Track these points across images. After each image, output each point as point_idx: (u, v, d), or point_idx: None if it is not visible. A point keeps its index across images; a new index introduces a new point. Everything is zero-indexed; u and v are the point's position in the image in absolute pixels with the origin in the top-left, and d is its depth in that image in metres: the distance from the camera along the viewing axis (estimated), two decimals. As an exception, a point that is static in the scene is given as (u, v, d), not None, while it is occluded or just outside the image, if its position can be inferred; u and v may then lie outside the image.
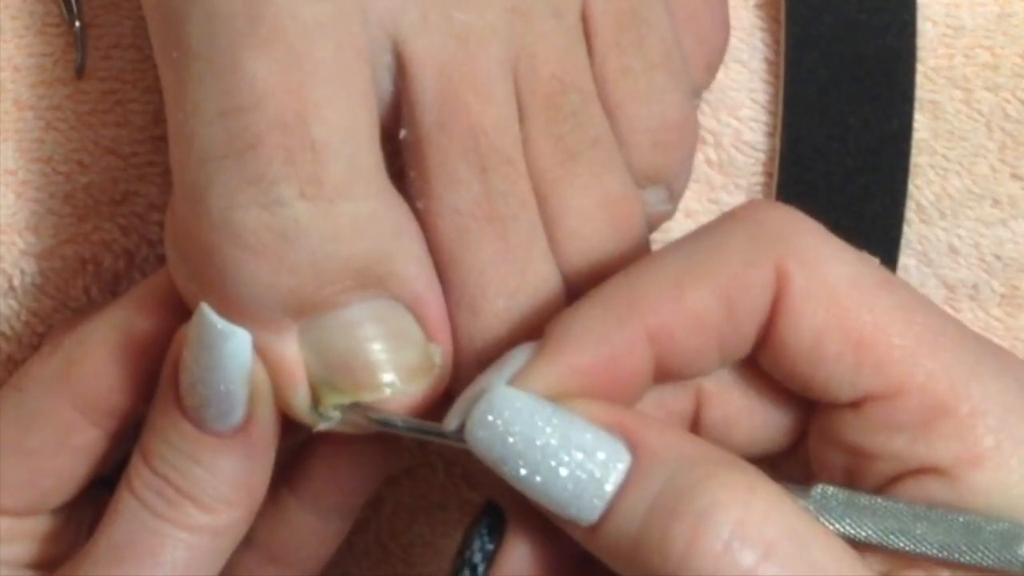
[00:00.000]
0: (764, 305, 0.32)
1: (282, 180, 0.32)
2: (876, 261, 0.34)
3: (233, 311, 0.33)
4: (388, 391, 0.33)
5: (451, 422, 0.32)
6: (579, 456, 0.30)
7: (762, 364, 0.33)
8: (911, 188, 0.42)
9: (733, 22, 0.40)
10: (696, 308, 0.32)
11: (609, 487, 0.30)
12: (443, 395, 0.34)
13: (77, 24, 0.40)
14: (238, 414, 0.33)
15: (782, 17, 0.41)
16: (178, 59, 0.33)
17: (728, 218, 0.33)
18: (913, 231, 0.42)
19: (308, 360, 0.33)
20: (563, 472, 0.30)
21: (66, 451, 0.36)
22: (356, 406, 0.33)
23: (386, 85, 0.34)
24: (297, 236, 0.32)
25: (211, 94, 0.33)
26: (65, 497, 0.37)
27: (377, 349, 0.33)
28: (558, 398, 0.31)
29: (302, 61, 0.32)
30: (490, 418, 0.31)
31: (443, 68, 0.34)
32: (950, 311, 0.43)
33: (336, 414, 0.33)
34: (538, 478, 0.31)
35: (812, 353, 0.32)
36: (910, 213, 0.42)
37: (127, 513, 0.35)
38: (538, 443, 0.31)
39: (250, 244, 0.32)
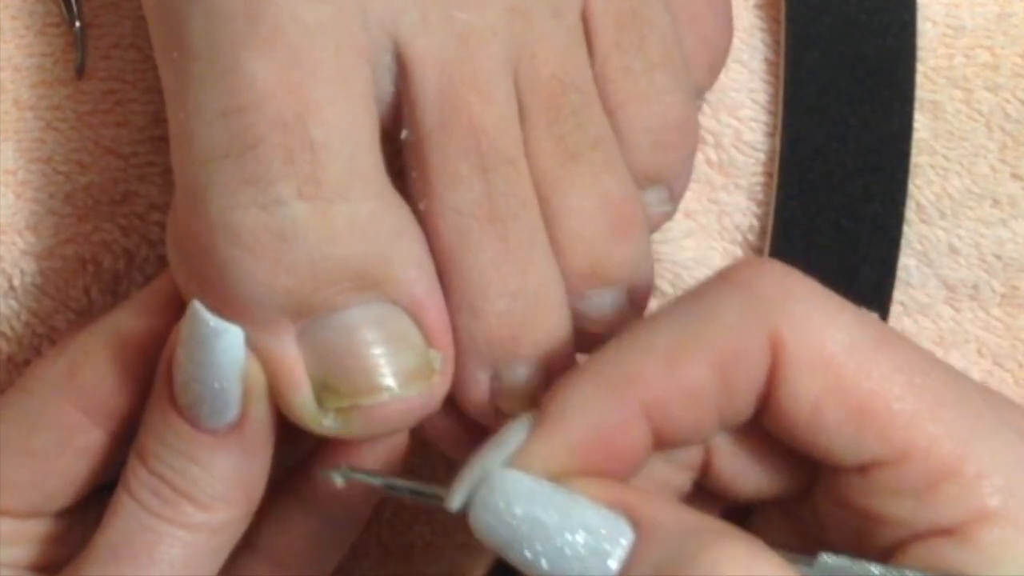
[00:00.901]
0: (760, 375, 0.31)
1: (280, 180, 0.32)
2: (875, 317, 0.33)
3: (232, 311, 0.32)
4: (386, 395, 0.33)
5: (454, 500, 0.31)
6: (583, 536, 0.30)
7: (765, 427, 0.33)
8: (911, 188, 0.42)
9: (734, 22, 0.40)
10: (691, 381, 0.31)
11: (614, 564, 0.30)
12: (442, 400, 0.34)
13: (77, 24, 0.39)
14: (233, 411, 0.33)
15: (782, 17, 0.41)
16: (179, 59, 0.33)
17: (720, 282, 0.32)
18: (913, 231, 0.42)
19: (307, 361, 0.33)
20: (568, 552, 0.30)
21: (69, 452, 0.36)
22: (355, 473, 0.34)
23: (387, 86, 0.34)
24: (295, 236, 0.32)
25: (212, 94, 0.32)
26: (69, 499, 0.36)
27: (375, 353, 0.33)
28: (558, 477, 0.31)
29: (302, 61, 0.32)
30: (492, 502, 0.31)
31: (444, 68, 0.33)
32: (951, 311, 0.43)
33: (335, 419, 0.33)
34: (544, 561, 0.30)
35: (812, 421, 0.31)
36: (910, 213, 0.42)
37: (124, 513, 0.34)
38: (542, 525, 0.30)
39: (248, 244, 0.32)
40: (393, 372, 0.33)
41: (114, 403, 0.35)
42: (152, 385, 0.35)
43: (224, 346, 0.32)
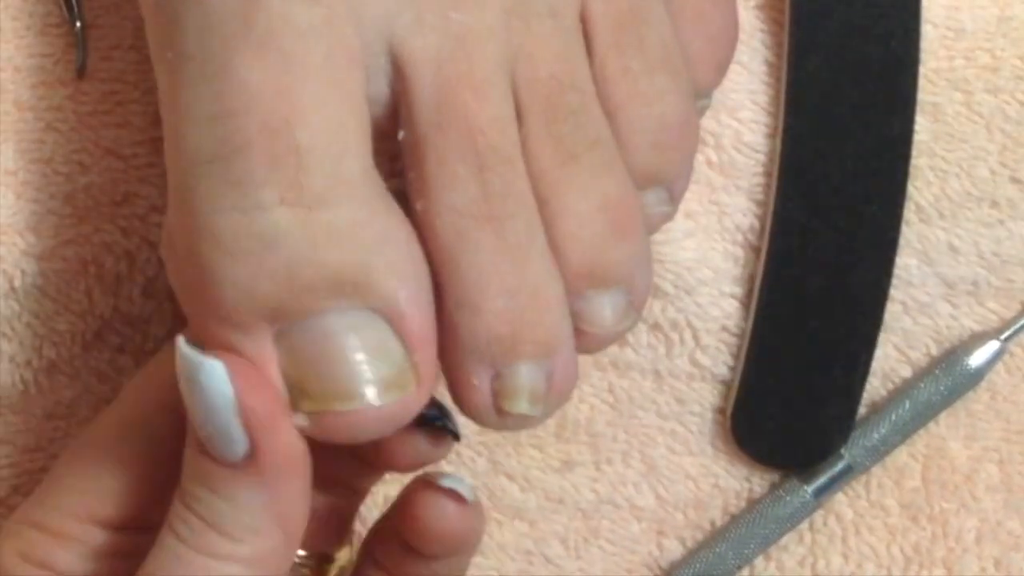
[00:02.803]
0: None
1: (263, 185, 0.31)
2: None
3: (211, 312, 0.32)
4: (359, 403, 0.32)
5: None
6: None
7: None
8: (910, 190, 0.41)
9: (736, 23, 0.39)
10: None
11: None
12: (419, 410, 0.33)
13: (78, 25, 0.39)
14: (240, 443, 0.32)
15: (786, 21, 0.41)
16: (172, 60, 0.33)
17: None
18: (913, 231, 0.42)
19: (282, 363, 0.32)
20: None
21: (164, 458, 0.35)
22: None
23: (382, 87, 0.33)
24: (275, 242, 0.31)
25: (202, 97, 0.32)
26: (158, 512, 0.35)
27: (351, 360, 0.32)
28: None
29: (293, 65, 0.31)
30: None
31: (440, 68, 0.33)
32: (948, 308, 0.43)
33: (307, 421, 0.32)
34: None
35: None
36: (909, 213, 0.42)
37: (163, 545, 0.33)
38: None
39: (229, 248, 0.31)
40: (368, 380, 0.32)
41: None
42: None
43: (207, 379, 0.31)
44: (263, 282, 0.31)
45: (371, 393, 0.32)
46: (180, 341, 0.32)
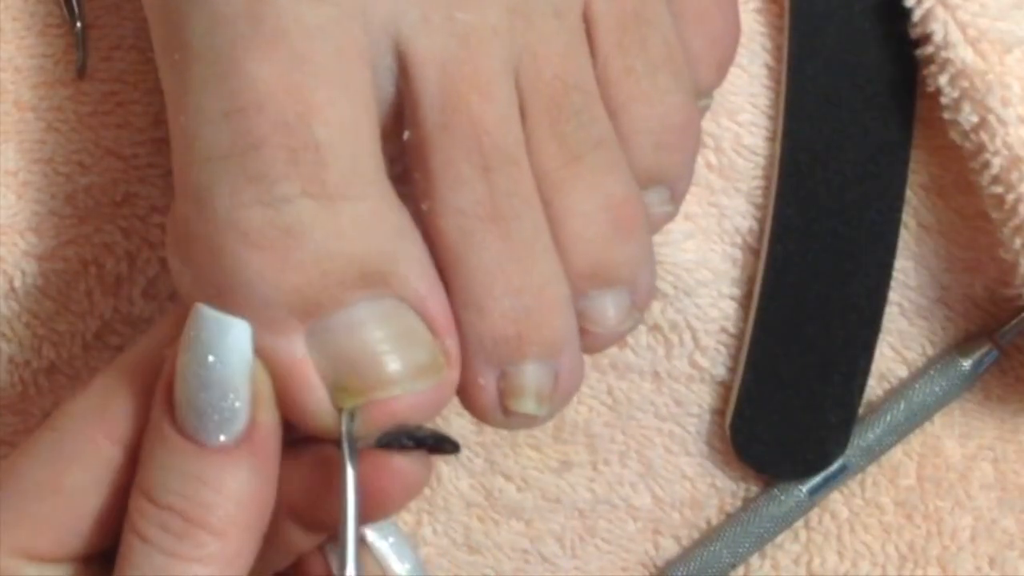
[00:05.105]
0: None
1: (284, 179, 0.31)
2: None
3: (239, 314, 0.31)
4: (398, 388, 0.31)
5: None
6: None
7: None
8: (908, 193, 0.41)
9: (734, 26, 0.39)
10: None
11: None
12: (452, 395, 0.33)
13: (78, 25, 0.39)
14: (242, 420, 0.31)
15: (786, 24, 0.40)
16: (180, 61, 0.32)
17: None
18: (910, 233, 0.41)
19: (317, 364, 0.31)
20: None
21: (105, 489, 0.32)
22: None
23: (388, 87, 0.33)
24: (301, 232, 0.31)
25: (214, 96, 0.31)
26: (105, 541, 0.33)
27: (385, 348, 0.31)
28: None
29: (303, 63, 0.31)
30: None
31: (445, 68, 0.32)
32: (944, 309, 0.42)
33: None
34: None
35: None
36: (907, 216, 0.41)
37: (135, 558, 0.31)
38: None
39: (256, 241, 0.31)
40: (404, 365, 0.31)
41: None
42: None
43: (232, 342, 0.30)
44: (291, 274, 0.31)
45: (408, 378, 0.31)
46: (202, 306, 0.30)
